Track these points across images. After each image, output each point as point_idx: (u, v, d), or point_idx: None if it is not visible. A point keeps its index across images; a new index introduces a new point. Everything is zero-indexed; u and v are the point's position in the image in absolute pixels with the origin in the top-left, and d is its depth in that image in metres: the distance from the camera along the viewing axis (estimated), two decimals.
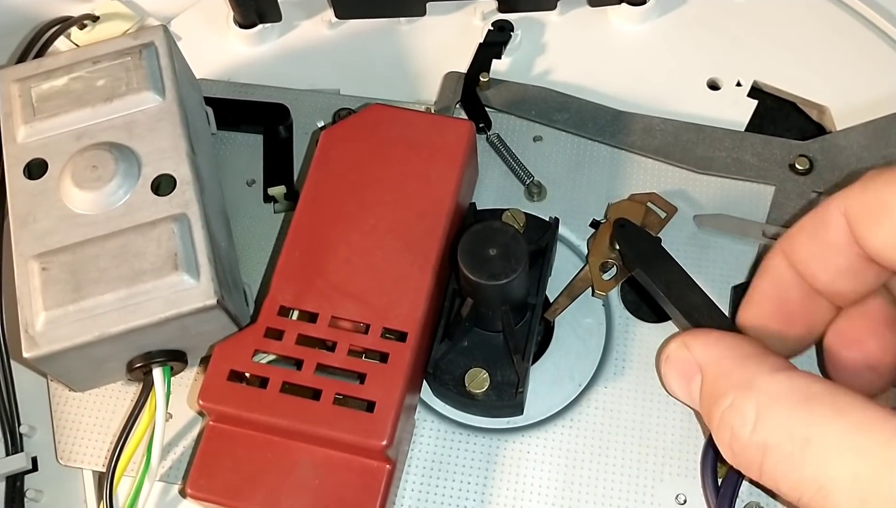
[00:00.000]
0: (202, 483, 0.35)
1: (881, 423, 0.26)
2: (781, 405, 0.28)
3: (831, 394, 0.28)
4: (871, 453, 0.26)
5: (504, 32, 0.47)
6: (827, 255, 0.31)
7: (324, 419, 0.34)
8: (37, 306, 0.35)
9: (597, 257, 0.40)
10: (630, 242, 0.39)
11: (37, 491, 0.40)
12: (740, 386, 0.30)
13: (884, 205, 0.29)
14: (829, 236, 0.31)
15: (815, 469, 0.27)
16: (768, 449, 0.28)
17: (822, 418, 0.27)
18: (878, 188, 0.29)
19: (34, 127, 0.39)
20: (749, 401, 0.29)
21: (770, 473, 0.28)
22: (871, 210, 0.29)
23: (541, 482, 0.38)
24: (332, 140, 0.39)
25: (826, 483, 0.26)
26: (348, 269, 0.37)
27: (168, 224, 0.36)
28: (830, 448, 0.27)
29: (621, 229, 0.39)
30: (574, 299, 0.40)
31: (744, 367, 0.30)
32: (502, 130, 0.45)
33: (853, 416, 0.27)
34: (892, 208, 0.29)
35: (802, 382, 0.28)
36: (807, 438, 0.27)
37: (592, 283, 0.40)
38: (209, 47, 0.49)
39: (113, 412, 0.40)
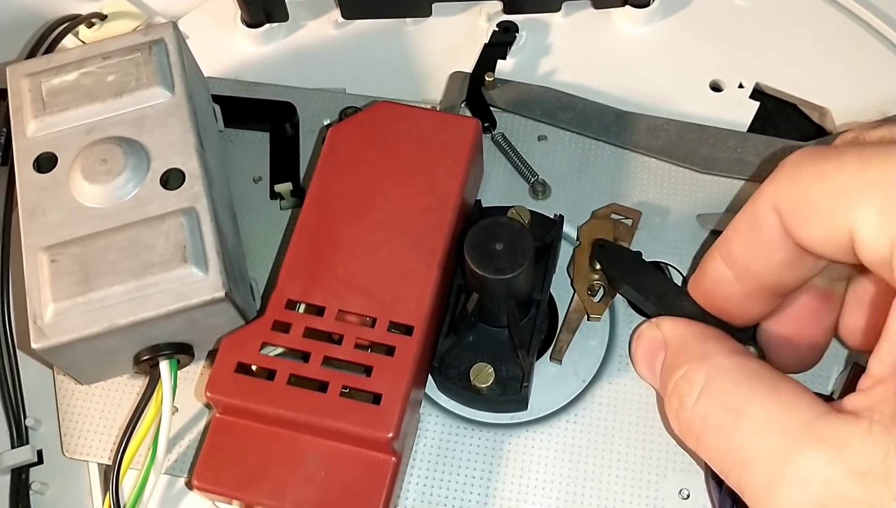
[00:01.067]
0: (208, 475, 0.35)
1: (807, 406, 0.26)
2: (727, 379, 0.29)
3: (773, 377, 0.28)
4: (789, 432, 0.26)
5: (509, 33, 0.48)
6: (766, 253, 0.31)
7: (330, 411, 0.34)
8: (45, 298, 0.35)
9: (582, 283, 0.40)
10: (612, 261, 0.39)
11: (42, 484, 0.40)
12: (697, 359, 0.31)
13: (810, 201, 0.28)
14: (764, 234, 0.31)
15: (740, 442, 0.27)
16: (706, 419, 0.29)
17: (756, 395, 0.28)
18: (804, 182, 0.28)
19: (44, 121, 0.39)
20: (700, 372, 0.30)
21: (704, 443, 0.29)
22: (799, 206, 0.29)
23: (545, 476, 0.38)
24: (339, 136, 0.40)
25: (745, 457, 0.27)
26: (355, 263, 0.37)
27: (177, 217, 0.36)
28: (756, 424, 0.27)
29: (601, 250, 0.39)
30: (575, 331, 0.40)
31: (703, 344, 0.31)
32: (507, 129, 0.45)
33: (785, 396, 0.27)
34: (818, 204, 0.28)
35: (754, 365, 0.29)
36: (738, 411, 0.28)
37: (585, 309, 0.40)
38: (216, 46, 0.50)
39: (119, 405, 0.40)
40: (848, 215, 0.27)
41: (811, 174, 0.28)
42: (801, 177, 0.29)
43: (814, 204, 0.28)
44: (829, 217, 0.27)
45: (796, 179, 0.29)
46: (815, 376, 0.38)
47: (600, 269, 0.40)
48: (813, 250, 0.29)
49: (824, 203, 0.27)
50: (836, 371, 0.39)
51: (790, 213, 0.29)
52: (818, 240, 0.28)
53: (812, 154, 0.29)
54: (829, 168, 0.27)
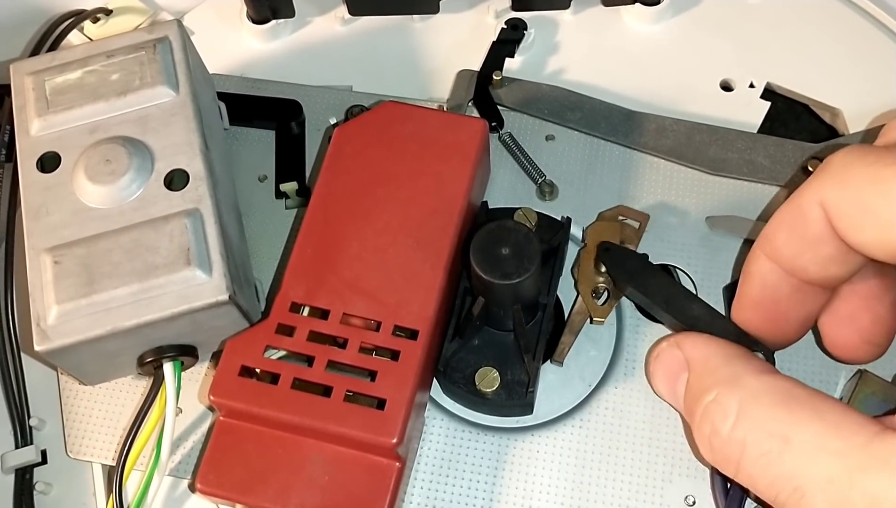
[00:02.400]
0: (211, 478, 0.35)
1: (858, 426, 0.26)
2: (763, 403, 0.29)
3: (811, 397, 0.28)
4: (847, 455, 0.26)
5: (517, 31, 0.47)
6: (812, 248, 0.31)
7: (334, 416, 0.34)
8: (49, 300, 0.35)
9: (586, 285, 0.40)
10: (618, 264, 0.39)
11: (46, 484, 0.40)
12: (726, 382, 0.30)
13: (866, 207, 0.28)
14: (810, 229, 0.30)
15: (792, 469, 0.27)
16: (747, 446, 0.28)
17: (801, 418, 0.27)
18: (857, 186, 0.28)
19: (48, 120, 0.39)
20: (733, 397, 0.29)
21: (747, 470, 0.29)
22: (852, 210, 0.28)
23: (550, 481, 0.38)
24: (345, 137, 0.39)
25: (802, 483, 0.27)
26: (360, 266, 0.37)
27: (181, 219, 0.36)
28: (808, 449, 0.27)
29: (606, 252, 0.39)
30: (577, 333, 0.39)
31: (730, 365, 0.30)
32: (514, 128, 0.45)
33: (831, 418, 0.27)
34: (875, 210, 0.28)
35: (785, 384, 0.29)
36: (786, 437, 0.27)
37: (589, 312, 0.40)
38: (222, 42, 0.49)
39: (123, 405, 0.40)
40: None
41: (866, 178, 0.28)
42: (853, 179, 0.28)
43: (870, 210, 0.28)
44: (887, 225, 0.27)
45: (848, 181, 0.28)
46: (822, 383, 0.38)
47: (606, 271, 0.39)
48: (865, 253, 0.29)
49: (883, 210, 0.27)
50: (844, 378, 0.38)
51: (841, 215, 0.29)
52: (873, 245, 0.28)
53: (863, 154, 0.28)
54: (887, 174, 0.27)
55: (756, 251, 0.33)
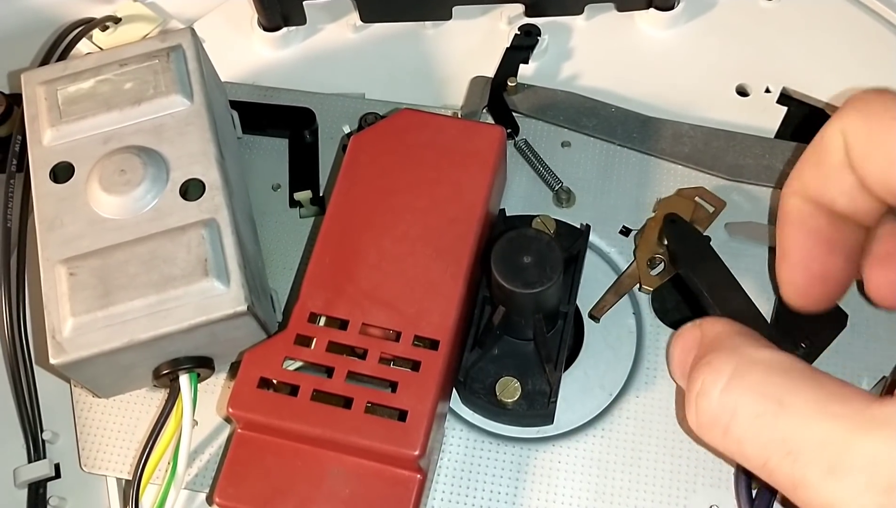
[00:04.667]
0: (230, 491, 0.34)
1: (856, 394, 0.26)
2: (759, 369, 0.28)
3: (810, 369, 0.28)
4: (845, 419, 0.25)
5: (531, 37, 0.47)
6: (835, 177, 0.31)
7: (355, 428, 0.33)
8: (64, 312, 0.35)
9: (644, 252, 0.40)
10: (678, 239, 0.39)
11: (60, 499, 0.39)
12: (723, 349, 0.29)
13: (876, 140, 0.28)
14: (833, 159, 0.30)
15: (786, 432, 0.26)
16: (738, 409, 0.28)
17: (797, 385, 0.27)
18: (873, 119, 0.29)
19: (60, 130, 0.38)
20: (728, 362, 0.29)
21: (736, 434, 0.28)
22: (864, 142, 0.29)
23: (572, 492, 0.37)
24: (361, 145, 0.39)
25: (795, 447, 0.26)
26: (379, 276, 0.36)
27: (198, 229, 0.36)
28: (803, 412, 0.26)
29: (671, 224, 0.39)
30: (621, 296, 0.40)
31: (734, 338, 0.30)
32: (530, 135, 0.44)
33: (829, 387, 0.26)
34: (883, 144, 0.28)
35: (785, 357, 0.28)
36: (780, 400, 0.27)
37: (640, 278, 0.40)
38: (233, 50, 0.49)
39: (137, 418, 0.40)
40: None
41: (880, 112, 0.28)
42: (870, 111, 0.29)
43: (877, 142, 0.28)
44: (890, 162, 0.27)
45: (866, 113, 0.29)
46: None
47: (666, 245, 0.39)
48: (869, 186, 0.29)
49: (888, 146, 0.28)
50: (867, 385, 0.38)
51: (854, 142, 0.29)
52: (875, 179, 0.29)
53: (884, 92, 0.29)
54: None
55: (787, 195, 0.33)
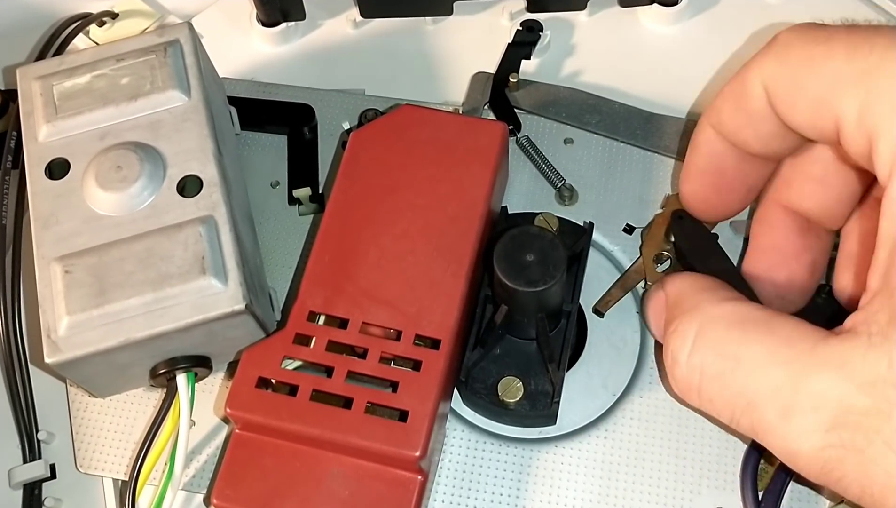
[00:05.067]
0: (228, 493, 0.34)
1: (805, 335, 0.27)
2: (719, 327, 0.29)
3: (767, 317, 0.28)
4: (793, 363, 0.26)
5: (533, 32, 0.46)
6: (754, 124, 0.31)
7: (356, 429, 0.33)
8: (59, 310, 0.34)
9: (651, 249, 0.40)
10: (686, 235, 0.38)
11: (55, 500, 0.39)
12: (686, 311, 0.30)
13: (799, 85, 0.28)
14: (752, 106, 0.31)
15: (743, 385, 0.27)
16: (703, 370, 0.29)
17: (753, 337, 0.28)
18: (794, 64, 0.28)
19: (56, 126, 0.38)
20: (691, 325, 0.30)
21: (706, 395, 0.29)
22: (788, 88, 0.29)
23: (575, 494, 0.37)
24: (361, 142, 0.38)
25: (752, 397, 0.27)
26: (379, 274, 0.36)
27: (195, 227, 0.35)
28: (756, 364, 0.27)
29: (679, 220, 0.38)
30: (627, 291, 0.39)
31: (695, 296, 0.31)
32: (532, 131, 0.44)
33: (782, 332, 0.27)
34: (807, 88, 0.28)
35: (744, 308, 0.29)
36: (737, 356, 0.28)
37: (645, 274, 0.39)
38: (231, 46, 0.48)
39: (134, 418, 0.39)
40: (833, 105, 0.27)
41: (801, 58, 0.28)
42: (790, 57, 0.29)
43: (802, 88, 0.28)
44: (817, 104, 0.28)
45: (786, 59, 0.29)
46: None
47: (673, 241, 0.39)
48: (799, 131, 0.30)
49: (813, 90, 0.28)
50: None
51: (778, 92, 0.29)
52: (804, 124, 0.29)
53: (803, 34, 0.29)
54: (818, 53, 0.28)
55: (703, 123, 0.34)
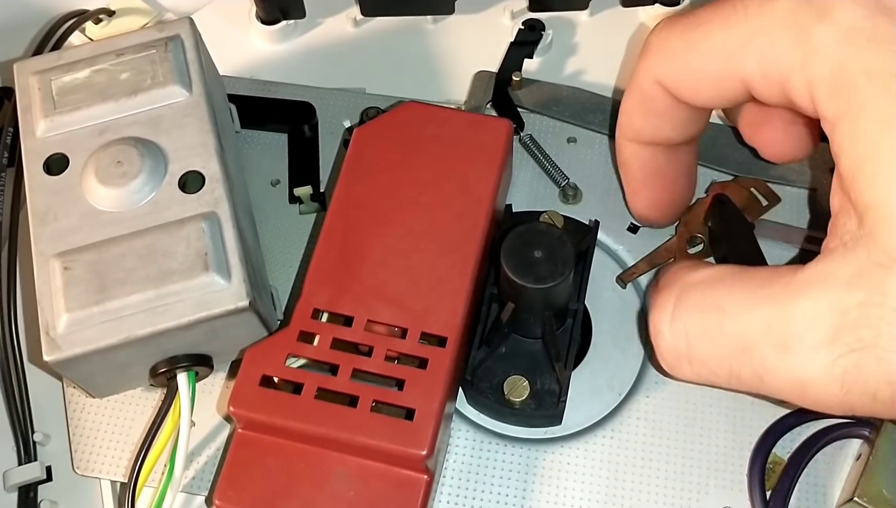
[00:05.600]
0: (230, 494, 0.33)
1: (783, 271, 0.27)
2: (696, 290, 0.29)
3: (741, 270, 0.28)
4: (776, 297, 0.26)
5: (535, 32, 0.46)
6: (667, 120, 0.33)
7: (362, 427, 0.32)
8: (59, 308, 0.33)
9: (687, 229, 0.40)
10: (724, 220, 0.38)
11: (51, 503, 0.38)
12: (665, 285, 0.30)
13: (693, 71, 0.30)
14: (659, 105, 0.32)
15: (733, 332, 0.27)
16: (688, 332, 0.28)
17: (731, 287, 0.28)
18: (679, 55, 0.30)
19: (54, 121, 0.37)
20: (670, 295, 0.30)
21: (698, 356, 0.28)
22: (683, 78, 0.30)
23: (581, 494, 0.36)
24: (365, 138, 0.38)
25: (746, 342, 0.27)
26: (384, 272, 0.35)
27: (197, 223, 0.35)
28: (742, 308, 0.27)
29: (720, 204, 0.39)
30: (655, 267, 0.40)
31: (676, 273, 0.31)
32: (535, 130, 0.43)
33: (759, 276, 0.27)
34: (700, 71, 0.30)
35: (719, 269, 0.29)
36: (719, 306, 0.28)
37: (676, 252, 0.39)
38: (230, 43, 0.48)
39: (132, 419, 0.38)
40: (735, 74, 0.28)
41: (684, 47, 0.30)
42: (674, 51, 0.30)
43: (698, 71, 0.30)
44: (719, 80, 0.29)
45: (671, 54, 0.31)
46: None
47: (710, 226, 0.39)
48: (710, 106, 0.31)
49: (709, 68, 0.29)
50: None
51: (677, 85, 0.31)
52: (713, 99, 0.31)
53: (673, 24, 0.30)
54: (698, 36, 0.29)
55: (621, 141, 0.35)
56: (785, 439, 0.36)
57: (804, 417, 0.37)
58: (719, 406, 0.37)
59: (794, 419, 0.37)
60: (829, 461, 0.36)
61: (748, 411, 0.37)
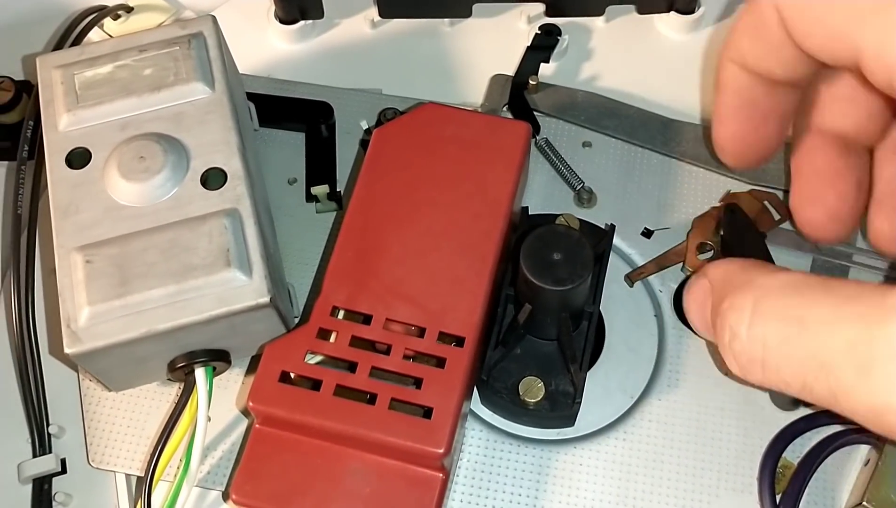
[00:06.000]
0: (247, 488, 0.34)
1: (872, 291, 0.26)
2: (776, 295, 0.28)
3: (824, 280, 0.28)
4: (864, 317, 0.25)
5: (551, 36, 0.47)
6: (774, 51, 0.31)
7: (379, 424, 0.33)
8: (80, 301, 0.34)
9: (697, 236, 0.40)
10: (735, 229, 0.39)
11: (66, 495, 0.38)
12: (739, 286, 0.29)
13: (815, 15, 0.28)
14: (770, 34, 0.31)
15: (812, 347, 0.26)
16: (766, 339, 0.28)
17: (814, 299, 0.27)
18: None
19: (77, 115, 0.37)
20: (747, 298, 0.29)
21: (773, 365, 0.28)
22: (802, 14, 0.29)
23: (593, 495, 0.36)
24: (384, 139, 0.38)
25: (825, 357, 0.26)
26: (402, 271, 0.36)
27: (220, 219, 0.35)
28: (824, 322, 0.26)
29: (731, 213, 0.39)
30: (662, 268, 0.40)
31: (745, 273, 0.30)
32: (550, 134, 0.44)
33: (844, 291, 0.26)
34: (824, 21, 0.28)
35: (798, 276, 0.28)
36: (801, 318, 0.27)
37: (685, 257, 0.40)
38: (248, 42, 0.48)
39: (147, 413, 0.39)
40: (851, 37, 0.27)
41: None
42: None
43: (818, 19, 0.28)
44: (834, 35, 0.28)
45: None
46: None
47: (721, 234, 0.39)
48: (817, 58, 0.30)
49: (829, 20, 0.28)
50: None
51: (794, 21, 0.29)
52: (822, 52, 0.29)
53: None
54: None
55: (724, 60, 0.34)
56: (795, 444, 0.37)
57: (814, 422, 0.37)
58: (730, 410, 0.38)
59: (804, 424, 0.37)
60: (838, 466, 0.37)
61: (759, 415, 0.38)
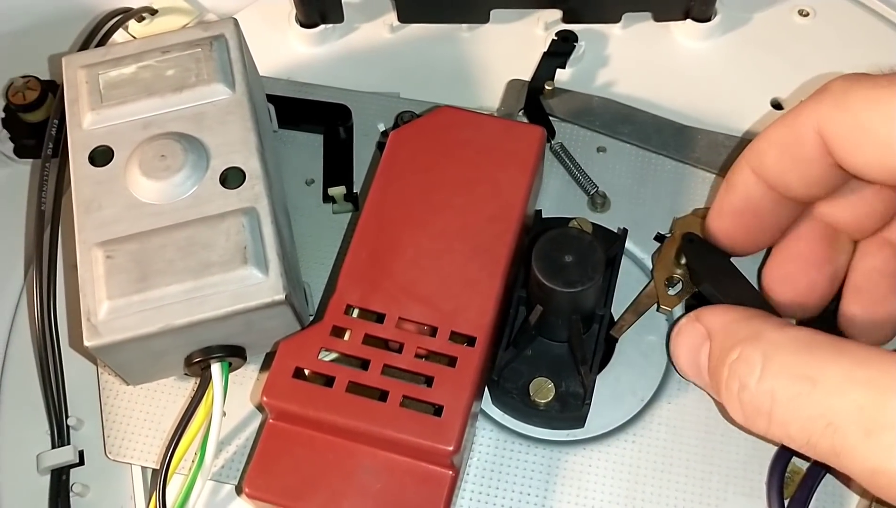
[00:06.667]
0: (260, 482, 0.34)
1: (883, 356, 0.26)
2: (787, 351, 0.29)
3: (834, 341, 0.28)
4: (875, 383, 0.26)
5: (568, 43, 0.47)
6: (801, 169, 0.32)
7: (391, 421, 0.33)
8: (100, 295, 0.34)
9: (662, 272, 0.40)
10: (698, 257, 0.38)
11: (83, 486, 0.39)
12: (748, 339, 0.30)
13: (864, 128, 0.29)
14: (804, 151, 0.31)
15: (822, 406, 0.27)
16: (776, 394, 0.28)
17: (826, 359, 0.28)
18: (856, 109, 0.29)
19: (101, 114, 0.38)
20: (756, 350, 0.29)
21: (779, 418, 0.28)
22: (851, 132, 0.29)
23: (602, 496, 0.37)
24: (400, 141, 0.39)
25: (833, 418, 0.27)
26: (416, 271, 0.36)
27: (238, 217, 0.36)
28: (835, 384, 0.27)
29: (689, 243, 0.39)
30: (640, 315, 0.39)
31: (750, 325, 0.31)
32: (565, 139, 0.44)
33: (856, 354, 0.27)
34: (873, 131, 0.28)
35: (807, 333, 0.29)
36: (812, 377, 0.27)
37: (658, 299, 0.39)
38: (268, 45, 0.49)
39: (164, 407, 0.39)
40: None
41: (864, 100, 0.29)
42: (852, 102, 0.29)
43: (868, 130, 0.28)
44: (886, 144, 0.28)
45: (847, 105, 0.29)
46: None
47: (685, 264, 0.39)
48: (863, 174, 0.30)
49: (881, 130, 0.28)
50: None
51: (839, 137, 0.30)
52: (871, 166, 0.29)
53: (861, 79, 0.29)
54: (883, 95, 0.28)
55: (743, 165, 0.34)
56: None
57: None
58: None
59: None
60: None
61: None
